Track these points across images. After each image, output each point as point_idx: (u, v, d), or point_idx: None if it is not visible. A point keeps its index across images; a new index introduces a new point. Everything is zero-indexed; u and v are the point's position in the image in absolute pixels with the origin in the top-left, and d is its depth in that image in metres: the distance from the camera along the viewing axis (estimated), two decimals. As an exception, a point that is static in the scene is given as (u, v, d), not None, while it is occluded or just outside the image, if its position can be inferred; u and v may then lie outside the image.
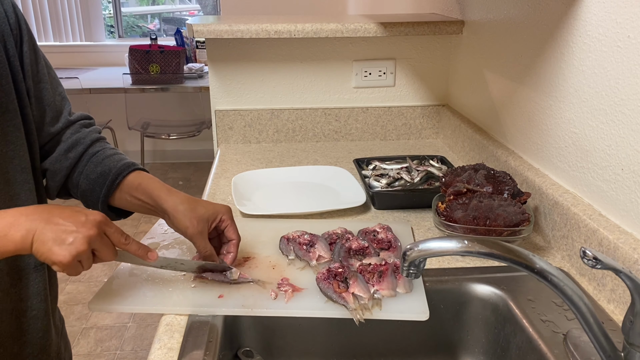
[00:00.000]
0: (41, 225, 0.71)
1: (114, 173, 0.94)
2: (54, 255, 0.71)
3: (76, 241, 0.71)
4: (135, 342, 2.52)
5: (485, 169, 1.15)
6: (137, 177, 0.94)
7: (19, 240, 0.70)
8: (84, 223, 0.73)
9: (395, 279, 0.90)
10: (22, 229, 0.71)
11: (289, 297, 0.87)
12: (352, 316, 0.83)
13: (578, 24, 1.00)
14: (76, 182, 0.96)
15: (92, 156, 0.97)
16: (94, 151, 0.97)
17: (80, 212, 0.74)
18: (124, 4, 4.99)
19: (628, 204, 0.88)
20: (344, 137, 1.76)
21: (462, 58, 1.63)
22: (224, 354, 0.85)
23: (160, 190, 0.91)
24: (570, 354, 0.76)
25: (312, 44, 1.67)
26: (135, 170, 0.95)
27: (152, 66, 3.84)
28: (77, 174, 0.96)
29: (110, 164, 0.95)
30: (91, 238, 0.73)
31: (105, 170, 0.94)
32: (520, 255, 0.61)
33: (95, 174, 0.95)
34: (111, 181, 0.93)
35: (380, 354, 0.96)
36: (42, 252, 0.71)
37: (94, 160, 0.96)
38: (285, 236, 1.03)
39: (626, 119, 0.88)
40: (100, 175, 0.94)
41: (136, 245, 0.80)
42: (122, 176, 0.94)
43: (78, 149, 0.96)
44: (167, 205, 0.90)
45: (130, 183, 0.94)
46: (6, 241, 0.70)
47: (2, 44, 0.85)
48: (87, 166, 0.96)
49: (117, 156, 0.97)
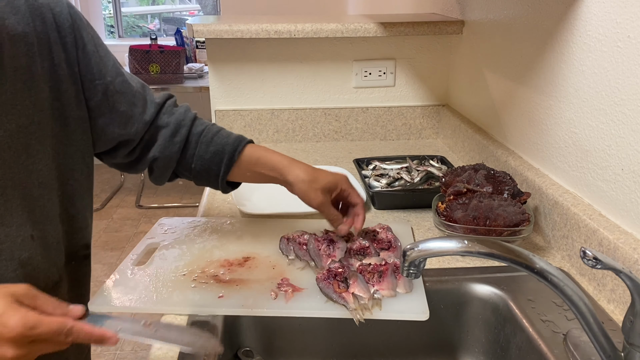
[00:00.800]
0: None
1: (229, 151, 0.96)
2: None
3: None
4: (135, 342, 2.52)
5: (485, 169, 1.15)
6: (254, 152, 0.98)
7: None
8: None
9: (395, 279, 0.90)
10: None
11: (289, 297, 0.87)
12: (352, 316, 0.83)
13: (578, 24, 1.00)
14: (188, 164, 0.98)
15: (200, 136, 0.97)
16: (198, 130, 0.98)
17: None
18: (124, 4, 4.99)
19: (628, 204, 0.88)
20: (344, 137, 1.76)
21: (462, 58, 1.63)
22: (224, 354, 0.85)
23: (281, 163, 0.96)
24: (570, 354, 0.76)
25: (312, 44, 1.67)
26: (247, 144, 0.98)
27: (152, 66, 3.84)
28: (190, 156, 0.97)
29: (222, 141, 0.97)
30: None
31: (219, 149, 0.97)
32: (520, 255, 0.61)
33: (210, 153, 0.97)
34: (228, 159, 0.96)
35: (380, 354, 0.96)
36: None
37: (203, 140, 0.97)
38: (285, 236, 1.03)
39: (626, 119, 0.88)
40: (215, 154, 0.97)
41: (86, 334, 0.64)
42: (238, 152, 0.97)
43: (182, 132, 0.96)
44: (291, 177, 0.94)
45: (249, 158, 0.97)
46: None
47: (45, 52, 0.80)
48: (199, 147, 0.97)
49: (224, 131, 1.00)
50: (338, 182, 0.97)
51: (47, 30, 0.81)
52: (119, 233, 3.47)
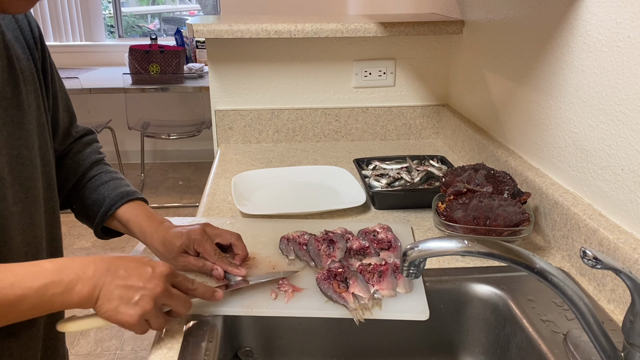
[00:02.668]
0: (108, 280, 0.69)
1: (106, 205, 0.94)
2: (120, 315, 0.70)
3: (142, 300, 0.70)
4: (135, 342, 2.52)
5: (485, 169, 1.15)
6: (127, 212, 0.94)
7: (85, 295, 0.69)
8: (150, 278, 0.71)
9: (395, 279, 0.90)
10: (89, 284, 0.69)
11: (289, 297, 0.87)
12: (352, 316, 0.83)
13: (578, 24, 1.00)
14: (71, 202, 0.97)
15: (89, 181, 0.97)
16: (91, 175, 0.97)
17: (146, 264, 0.73)
18: (124, 4, 4.99)
19: (628, 204, 0.88)
20: (344, 137, 1.76)
21: (462, 58, 1.63)
22: (224, 354, 0.85)
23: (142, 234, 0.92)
24: (570, 354, 0.76)
25: (312, 44, 1.67)
26: (128, 202, 0.95)
27: (152, 66, 3.84)
28: (74, 197, 0.97)
29: (105, 192, 0.95)
30: (158, 296, 0.71)
31: (100, 199, 0.95)
32: (521, 255, 0.61)
33: (90, 200, 0.95)
34: (103, 212, 0.94)
35: (380, 354, 0.96)
36: (108, 309, 0.70)
37: (89, 186, 0.96)
38: (285, 236, 1.03)
39: (626, 119, 0.88)
40: (94, 203, 0.95)
41: (202, 289, 0.80)
42: (115, 208, 0.94)
43: (78, 171, 0.97)
44: (151, 249, 0.92)
45: (121, 217, 0.94)
46: (72, 295, 0.68)
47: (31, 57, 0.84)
48: (83, 191, 0.96)
49: (112, 183, 0.97)
50: (190, 237, 0.89)
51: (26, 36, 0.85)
52: (119, 233, 3.47)
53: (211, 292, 0.81)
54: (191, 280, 0.78)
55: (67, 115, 0.97)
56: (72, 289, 0.68)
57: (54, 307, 0.68)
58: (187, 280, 0.78)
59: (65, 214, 0.99)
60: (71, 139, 0.98)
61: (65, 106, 0.96)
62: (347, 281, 0.87)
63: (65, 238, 3.31)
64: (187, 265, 0.90)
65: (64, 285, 0.68)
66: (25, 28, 0.85)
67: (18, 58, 0.81)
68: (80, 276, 0.69)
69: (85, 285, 0.68)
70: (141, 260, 0.73)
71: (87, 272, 0.69)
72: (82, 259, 0.71)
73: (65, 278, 0.68)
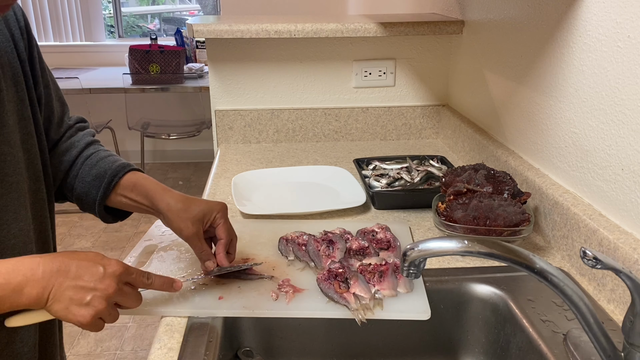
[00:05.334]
0: (58, 281, 0.68)
1: (109, 175, 0.92)
2: (71, 315, 0.69)
3: (94, 300, 0.69)
4: (135, 342, 2.52)
5: (485, 169, 1.15)
6: (132, 177, 0.93)
7: (34, 297, 0.67)
8: (102, 278, 0.70)
9: (395, 279, 0.90)
10: (38, 286, 0.67)
11: (290, 298, 0.87)
12: (353, 316, 0.83)
13: (578, 24, 1.00)
14: (70, 185, 0.95)
15: (87, 159, 0.95)
16: (87, 154, 0.96)
17: (98, 262, 0.71)
18: (124, 4, 4.99)
19: (628, 204, 0.88)
20: (344, 137, 1.76)
21: (462, 58, 1.63)
22: (224, 354, 0.85)
23: (155, 191, 0.90)
24: (570, 354, 0.76)
25: (312, 44, 1.67)
26: (131, 171, 0.94)
27: (152, 66, 3.84)
28: (72, 178, 0.95)
29: (105, 165, 0.93)
30: (110, 296, 0.71)
31: (101, 173, 0.93)
32: (521, 255, 0.61)
33: (91, 176, 0.93)
34: (107, 183, 0.92)
35: (380, 354, 0.96)
36: (59, 310, 0.69)
37: (88, 163, 0.95)
38: (284, 237, 1.03)
39: (626, 119, 0.88)
40: (95, 178, 0.93)
41: (160, 281, 0.79)
42: (118, 177, 0.92)
43: (72, 153, 0.95)
44: (162, 205, 0.88)
45: (126, 183, 0.92)
46: (21, 297, 0.67)
47: (14, 49, 0.83)
48: (82, 169, 0.94)
49: (112, 157, 0.96)
50: (212, 210, 0.89)
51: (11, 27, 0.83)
52: (118, 233, 3.47)
53: (169, 283, 0.80)
54: (146, 274, 0.77)
55: (59, 104, 0.96)
56: (20, 291, 0.67)
57: (3, 308, 0.68)
58: (142, 275, 0.76)
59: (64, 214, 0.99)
60: (65, 127, 0.97)
61: (57, 95, 0.95)
62: (348, 281, 0.87)
63: (65, 238, 3.31)
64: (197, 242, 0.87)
65: (11, 287, 0.66)
66: (11, 18, 0.84)
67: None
68: (28, 278, 0.67)
69: (34, 287, 0.67)
70: (94, 259, 0.72)
71: (36, 274, 0.68)
72: (32, 259, 0.70)
73: (13, 280, 0.67)
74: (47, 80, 0.92)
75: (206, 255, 0.89)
